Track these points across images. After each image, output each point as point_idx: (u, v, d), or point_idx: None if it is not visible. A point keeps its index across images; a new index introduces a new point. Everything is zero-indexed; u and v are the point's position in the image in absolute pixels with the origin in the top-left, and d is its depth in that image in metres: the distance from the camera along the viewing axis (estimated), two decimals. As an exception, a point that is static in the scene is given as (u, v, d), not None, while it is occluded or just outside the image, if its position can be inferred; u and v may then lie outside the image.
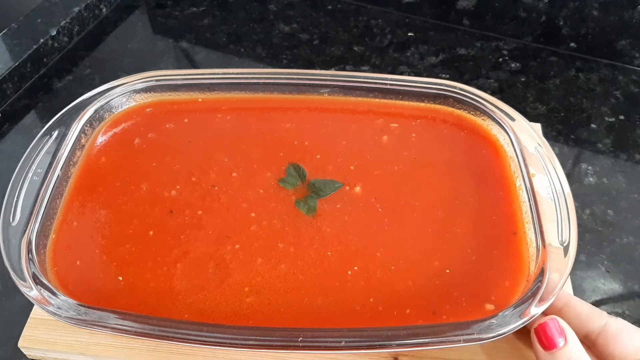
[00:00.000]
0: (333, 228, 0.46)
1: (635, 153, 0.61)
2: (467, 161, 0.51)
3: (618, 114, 0.66)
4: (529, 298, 0.39)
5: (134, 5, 0.81)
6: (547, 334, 0.35)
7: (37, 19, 0.72)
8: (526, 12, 0.72)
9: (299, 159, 0.51)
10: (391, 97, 0.55)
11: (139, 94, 0.55)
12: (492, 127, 0.53)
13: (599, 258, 0.52)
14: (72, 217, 0.47)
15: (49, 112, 0.52)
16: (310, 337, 0.38)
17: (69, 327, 0.41)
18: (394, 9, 0.79)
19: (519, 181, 0.48)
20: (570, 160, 0.60)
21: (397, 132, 0.53)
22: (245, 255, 0.44)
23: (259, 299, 0.42)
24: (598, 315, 0.38)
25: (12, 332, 0.43)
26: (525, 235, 0.45)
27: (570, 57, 0.73)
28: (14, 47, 0.68)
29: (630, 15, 0.67)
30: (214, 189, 0.49)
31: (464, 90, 0.54)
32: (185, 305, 0.42)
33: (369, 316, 0.41)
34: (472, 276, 0.43)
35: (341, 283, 0.43)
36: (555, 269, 0.40)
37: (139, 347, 0.42)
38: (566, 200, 0.44)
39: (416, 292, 0.42)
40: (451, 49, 0.74)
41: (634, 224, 0.54)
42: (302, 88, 0.55)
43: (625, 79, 0.70)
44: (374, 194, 0.48)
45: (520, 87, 0.69)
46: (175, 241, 0.45)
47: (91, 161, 0.51)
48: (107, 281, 0.43)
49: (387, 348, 0.38)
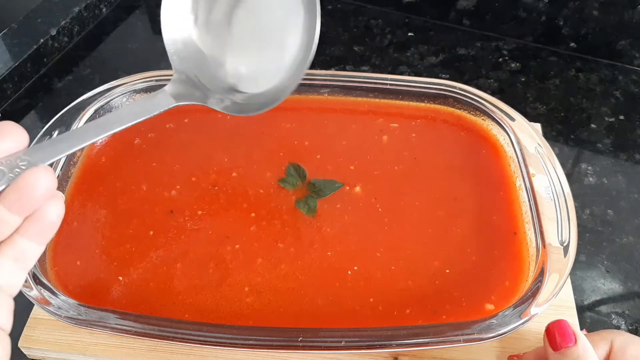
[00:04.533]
0: (333, 228, 0.46)
1: (635, 153, 0.61)
2: (467, 161, 0.51)
3: (618, 114, 0.66)
4: (529, 298, 0.39)
5: (134, 5, 0.81)
6: (557, 334, 0.35)
7: (37, 19, 0.72)
8: (526, 12, 0.72)
9: (299, 159, 0.51)
10: (391, 97, 0.55)
11: (139, 94, 0.55)
12: (492, 127, 0.53)
13: (599, 258, 0.52)
14: (72, 217, 0.47)
15: (49, 112, 0.52)
16: (310, 337, 0.38)
17: (69, 327, 0.41)
18: (394, 9, 0.79)
19: (519, 181, 0.48)
20: (570, 160, 0.60)
21: (397, 132, 0.53)
22: (245, 255, 0.44)
23: (259, 299, 0.42)
24: (601, 339, 0.38)
25: (12, 332, 0.43)
26: (525, 235, 0.45)
27: (570, 57, 0.73)
28: (14, 47, 0.68)
29: (630, 15, 0.67)
30: (214, 189, 0.49)
31: (464, 90, 0.54)
32: (185, 305, 0.42)
33: (369, 316, 0.41)
34: (472, 276, 0.43)
35: (341, 283, 0.43)
36: (555, 269, 0.40)
37: (139, 347, 0.42)
38: (566, 200, 0.44)
39: (416, 292, 0.42)
40: (451, 49, 0.74)
41: (634, 224, 0.54)
42: (302, 88, 0.55)
43: (625, 79, 0.70)
44: (374, 194, 0.48)
45: (520, 87, 0.69)
46: (175, 241, 0.45)
47: (91, 161, 0.51)
48: (107, 281, 0.43)
49: (387, 348, 0.38)
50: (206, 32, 0.44)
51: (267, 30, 0.43)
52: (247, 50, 0.44)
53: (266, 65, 0.43)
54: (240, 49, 0.44)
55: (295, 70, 0.40)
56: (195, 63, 0.43)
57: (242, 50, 0.44)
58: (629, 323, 0.47)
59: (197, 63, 0.43)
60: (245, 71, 0.44)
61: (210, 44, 0.44)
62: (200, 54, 0.44)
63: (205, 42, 0.44)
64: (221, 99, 0.43)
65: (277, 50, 0.42)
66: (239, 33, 0.44)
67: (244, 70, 0.44)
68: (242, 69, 0.44)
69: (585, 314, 0.48)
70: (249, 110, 0.41)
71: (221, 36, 0.44)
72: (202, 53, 0.44)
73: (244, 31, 0.44)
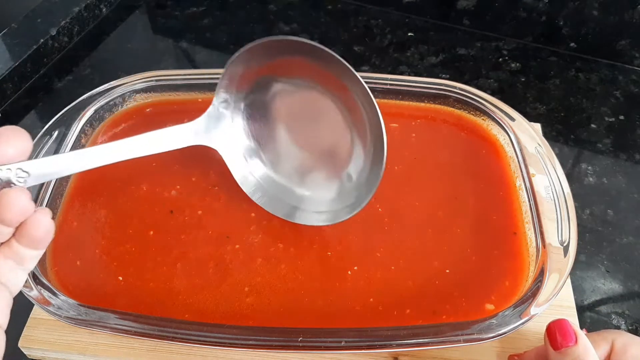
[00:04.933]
0: (333, 228, 0.46)
1: (635, 153, 0.61)
2: (467, 161, 0.51)
3: (618, 114, 0.66)
4: (529, 298, 0.39)
5: (134, 5, 0.81)
6: (557, 333, 0.35)
7: (37, 19, 0.72)
8: (526, 12, 0.72)
9: (299, 159, 0.51)
10: (391, 97, 0.55)
11: (139, 94, 0.55)
12: (492, 127, 0.53)
13: (599, 258, 0.52)
14: (72, 217, 0.47)
15: (49, 112, 0.52)
16: (310, 337, 0.38)
17: (69, 327, 0.41)
18: (394, 9, 0.79)
19: (519, 181, 0.48)
20: (570, 160, 0.60)
21: (397, 132, 0.53)
22: (245, 255, 0.44)
23: (259, 299, 0.42)
24: (602, 339, 0.38)
25: (12, 332, 0.43)
26: (525, 235, 0.45)
27: (570, 57, 0.72)
28: (14, 47, 0.68)
29: (630, 15, 0.67)
30: (214, 189, 0.49)
31: (464, 90, 0.54)
32: (185, 305, 0.42)
33: (369, 316, 0.41)
34: (472, 276, 0.43)
35: (341, 283, 0.43)
36: (555, 269, 0.40)
37: (139, 347, 0.42)
38: (566, 200, 0.44)
39: (416, 292, 0.42)
40: (451, 49, 0.74)
41: (634, 224, 0.54)
42: (302, 88, 0.55)
43: (625, 79, 0.70)
44: (374, 194, 0.48)
45: (520, 87, 0.69)
46: (175, 241, 0.45)
47: (91, 161, 0.51)
48: (107, 281, 0.43)
49: (387, 348, 0.38)
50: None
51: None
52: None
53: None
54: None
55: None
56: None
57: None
58: (629, 323, 0.47)
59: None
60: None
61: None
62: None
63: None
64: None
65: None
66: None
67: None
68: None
69: (585, 314, 0.48)
70: None
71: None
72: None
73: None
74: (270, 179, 0.47)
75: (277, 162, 0.46)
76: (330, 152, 0.44)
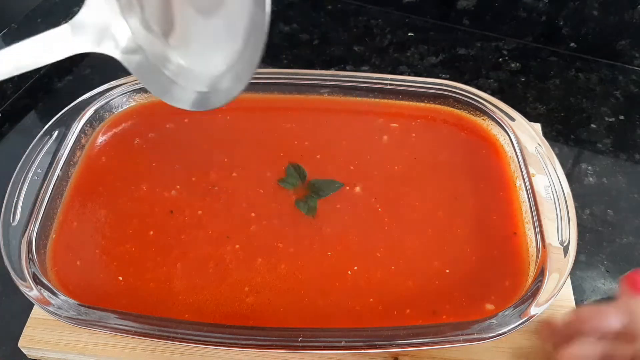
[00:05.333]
0: (333, 228, 0.46)
1: (635, 153, 0.61)
2: (467, 161, 0.51)
3: (618, 114, 0.66)
4: (529, 298, 0.39)
5: (134, 5, 0.81)
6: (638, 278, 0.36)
7: (37, 19, 0.72)
8: (526, 12, 0.72)
9: (299, 159, 0.51)
10: (391, 97, 0.55)
11: (139, 94, 0.55)
12: (492, 127, 0.53)
13: (599, 258, 0.52)
14: (72, 217, 0.47)
15: (49, 112, 0.52)
16: (310, 337, 0.38)
17: (69, 327, 0.40)
18: (394, 9, 0.79)
19: (519, 181, 0.48)
20: (570, 160, 0.60)
21: (397, 132, 0.53)
22: (245, 255, 0.44)
23: (259, 299, 0.42)
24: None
25: (12, 332, 0.43)
26: (525, 235, 0.45)
27: (570, 57, 0.72)
28: (14, 47, 0.68)
29: (630, 15, 0.67)
30: (214, 189, 0.49)
31: (464, 90, 0.54)
32: (185, 305, 0.42)
33: (369, 316, 0.41)
34: (472, 276, 0.43)
35: (341, 283, 0.43)
36: (555, 269, 0.40)
37: (139, 347, 0.42)
38: (566, 200, 0.44)
39: (416, 292, 0.42)
40: (451, 49, 0.74)
41: (634, 224, 0.54)
42: (302, 88, 0.55)
43: (625, 79, 0.70)
44: (374, 194, 0.48)
45: (520, 87, 0.69)
46: (175, 241, 0.45)
47: (91, 161, 0.51)
48: (107, 281, 0.43)
49: (387, 348, 0.38)
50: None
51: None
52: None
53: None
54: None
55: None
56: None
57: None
58: (629, 323, 0.47)
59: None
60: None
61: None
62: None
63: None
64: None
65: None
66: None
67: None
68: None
69: (585, 314, 0.48)
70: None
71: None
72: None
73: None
74: (149, 38, 0.42)
75: (157, 18, 0.42)
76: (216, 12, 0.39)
